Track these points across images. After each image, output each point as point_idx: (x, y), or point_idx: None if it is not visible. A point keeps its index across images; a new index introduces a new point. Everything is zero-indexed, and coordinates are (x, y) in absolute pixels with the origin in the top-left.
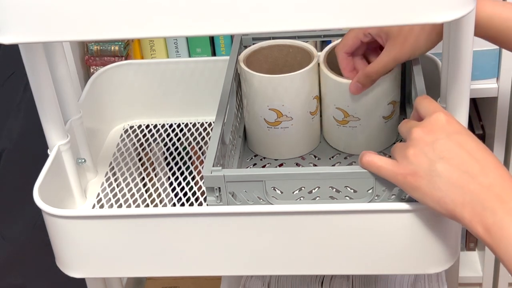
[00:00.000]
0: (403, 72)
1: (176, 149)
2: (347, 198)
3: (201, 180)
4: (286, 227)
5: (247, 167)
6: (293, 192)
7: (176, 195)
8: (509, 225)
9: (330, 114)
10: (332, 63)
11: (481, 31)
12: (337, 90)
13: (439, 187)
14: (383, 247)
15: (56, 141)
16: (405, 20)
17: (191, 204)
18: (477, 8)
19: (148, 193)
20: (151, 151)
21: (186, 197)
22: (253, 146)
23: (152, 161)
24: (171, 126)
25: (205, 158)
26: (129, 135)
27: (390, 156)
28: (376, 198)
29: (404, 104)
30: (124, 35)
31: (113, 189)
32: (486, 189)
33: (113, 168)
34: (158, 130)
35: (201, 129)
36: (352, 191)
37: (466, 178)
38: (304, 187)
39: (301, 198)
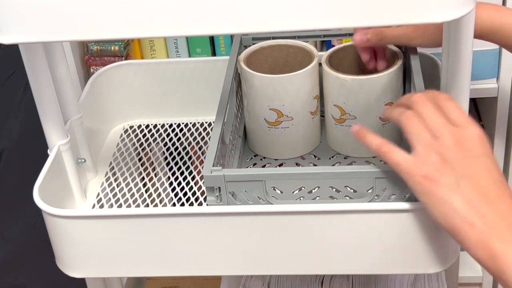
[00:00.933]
0: (404, 75)
1: (176, 149)
2: (347, 198)
3: (201, 180)
4: (286, 227)
5: (247, 167)
6: (293, 192)
7: (176, 195)
8: None
9: (329, 112)
10: (334, 63)
11: (493, 38)
12: (334, 85)
13: (452, 202)
14: (383, 247)
15: (56, 141)
16: (405, 20)
17: (191, 204)
18: (485, 15)
19: (148, 193)
20: (151, 151)
21: (186, 197)
22: (253, 146)
23: (152, 161)
24: (171, 126)
25: (205, 158)
26: (129, 135)
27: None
28: (376, 198)
29: None
30: (124, 35)
31: (113, 189)
32: (500, 216)
33: (113, 168)
34: (158, 130)
35: (201, 129)
36: (352, 191)
37: (483, 202)
38: (304, 187)
39: (301, 198)
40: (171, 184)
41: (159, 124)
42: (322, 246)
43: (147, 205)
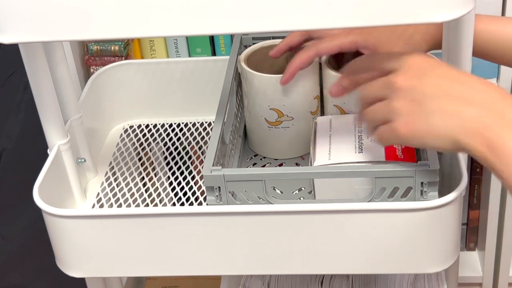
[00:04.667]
0: None
1: (176, 149)
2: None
3: (201, 180)
4: (286, 227)
5: (247, 167)
6: (293, 192)
7: (176, 195)
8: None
9: (329, 112)
10: (334, 63)
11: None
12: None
13: (436, 124)
14: (383, 247)
15: (56, 141)
16: (404, 20)
17: (191, 204)
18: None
19: (148, 193)
20: (151, 151)
21: (186, 197)
22: (253, 145)
23: (152, 161)
24: (171, 126)
25: (205, 158)
26: (129, 135)
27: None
28: (376, 198)
29: None
30: (124, 35)
31: (113, 189)
32: (481, 109)
33: (113, 168)
34: (158, 130)
35: (201, 129)
36: None
37: (460, 104)
38: (304, 187)
39: (301, 198)
40: (171, 184)
41: (159, 124)
42: (322, 246)
43: (147, 205)
